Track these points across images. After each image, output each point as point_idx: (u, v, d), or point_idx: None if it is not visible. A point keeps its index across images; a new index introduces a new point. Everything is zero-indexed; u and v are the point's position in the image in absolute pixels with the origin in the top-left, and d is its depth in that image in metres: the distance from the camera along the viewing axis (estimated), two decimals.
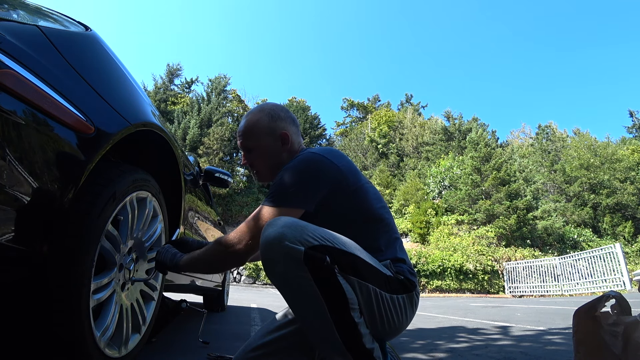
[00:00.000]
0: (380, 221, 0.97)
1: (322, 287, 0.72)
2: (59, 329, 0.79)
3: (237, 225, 5.16)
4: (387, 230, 0.98)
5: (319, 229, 0.78)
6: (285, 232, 0.72)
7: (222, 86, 26.60)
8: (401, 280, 0.89)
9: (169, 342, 1.75)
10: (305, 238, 0.73)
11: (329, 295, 0.72)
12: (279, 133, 1.05)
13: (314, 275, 0.72)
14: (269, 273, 0.76)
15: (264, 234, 0.74)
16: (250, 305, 4.75)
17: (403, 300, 0.89)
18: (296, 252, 0.71)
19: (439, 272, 12.40)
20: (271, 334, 0.98)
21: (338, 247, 0.78)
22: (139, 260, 1.16)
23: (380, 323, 0.84)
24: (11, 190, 0.61)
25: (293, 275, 0.72)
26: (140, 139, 1.15)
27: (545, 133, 25.97)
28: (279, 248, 0.72)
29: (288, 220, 0.76)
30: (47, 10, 0.90)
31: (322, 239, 0.76)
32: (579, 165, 18.56)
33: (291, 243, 0.71)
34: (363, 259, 0.82)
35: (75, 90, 0.77)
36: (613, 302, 1.01)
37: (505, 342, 2.09)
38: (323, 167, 0.92)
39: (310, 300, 0.73)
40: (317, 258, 0.72)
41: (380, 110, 33.79)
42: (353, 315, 0.74)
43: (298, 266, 0.71)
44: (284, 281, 0.75)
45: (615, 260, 9.25)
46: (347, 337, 0.73)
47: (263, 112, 1.07)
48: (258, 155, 1.06)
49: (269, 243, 0.73)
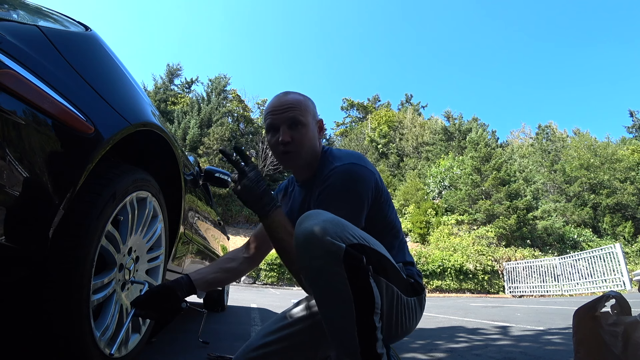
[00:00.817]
0: (394, 227, 1.00)
1: (355, 288, 0.71)
2: (59, 329, 0.79)
3: (237, 225, 5.13)
4: (398, 236, 1.01)
5: (355, 228, 0.78)
6: (327, 227, 0.71)
7: (222, 86, 26.62)
8: (412, 283, 0.91)
9: (169, 342, 1.75)
10: (345, 235, 0.73)
11: (359, 297, 0.72)
12: (318, 119, 1.03)
13: (349, 274, 0.71)
14: (304, 265, 0.74)
15: (304, 225, 0.73)
16: (250, 305, 4.75)
17: (414, 303, 0.91)
18: (337, 248, 0.70)
19: (439, 272, 12.39)
20: (272, 335, 0.98)
21: (373, 248, 0.78)
22: (139, 260, 1.15)
23: (394, 326, 0.85)
24: (11, 190, 0.61)
25: (329, 271, 0.71)
26: (140, 139, 1.15)
27: (545, 133, 25.98)
28: (320, 242, 0.70)
29: (329, 215, 0.75)
30: (47, 10, 0.90)
31: (361, 238, 0.76)
32: (579, 165, 18.56)
33: (333, 239, 0.71)
34: (391, 261, 0.83)
35: (75, 90, 0.77)
36: (613, 302, 1.01)
37: (505, 342, 2.09)
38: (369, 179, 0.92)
39: (339, 298, 0.72)
40: (355, 257, 0.72)
41: (380, 110, 33.79)
42: (375, 319, 0.74)
43: (336, 263, 0.70)
44: (319, 276, 0.73)
45: (615, 260, 9.25)
46: (364, 341, 0.73)
47: (305, 96, 1.01)
48: (304, 134, 0.96)
49: (311, 235, 0.71)
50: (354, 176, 0.90)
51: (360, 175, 0.90)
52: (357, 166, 0.92)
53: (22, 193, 0.63)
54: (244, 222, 20.77)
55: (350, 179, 0.89)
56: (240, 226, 20.33)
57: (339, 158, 0.96)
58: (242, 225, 20.45)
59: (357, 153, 1.00)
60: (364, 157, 0.98)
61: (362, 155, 1.00)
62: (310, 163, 1.01)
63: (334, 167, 0.92)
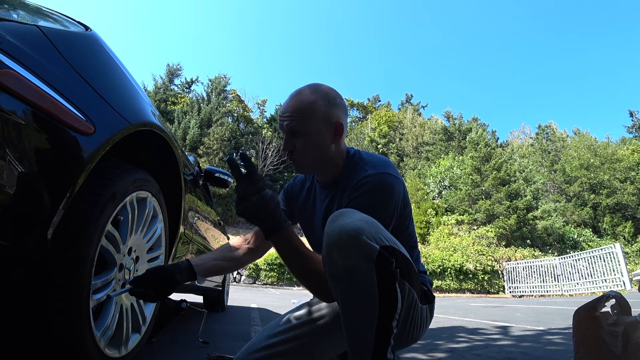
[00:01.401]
0: (412, 237, 1.00)
1: (381, 290, 0.70)
2: (59, 329, 0.79)
3: (237, 225, 5.16)
4: (414, 245, 1.01)
5: (386, 231, 0.77)
6: (363, 227, 0.70)
7: (222, 86, 26.63)
8: (425, 291, 0.92)
9: (169, 342, 1.75)
10: (380, 237, 0.72)
11: (384, 300, 0.71)
12: (334, 122, 0.91)
13: (379, 277, 0.70)
14: (334, 263, 0.72)
15: (339, 223, 0.71)
16: (250, 305, 4.75)
17: (426, 311, 0.92)
18: (372, 249, 0.69)
19: (439, 272, 12.39)
20: (276, 337, 0.97)
21: (402, 252, 0.78)
22: (139, 260, 1.15)
23: (407, 332, 0.85)
24: (11, 190, 0.61)
25: (360, 272, 0.70)
26: (141, 139, 1.15)
27: (545, 133, 25.99)
28: (355, 241, 0.69)
29: (363, 215, 0.74)
30: (47, 10, 0.90)
31: (392, 240, 0.75)
32: (579, 165, 18.57)
33: (368, 239, 0.69)
34: (415, 268, 0.83)
35: (75, 90, 0.77)
36: (613, 302, 1.02)
37: (505, 342, 2.09)
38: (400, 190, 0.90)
39: (365, 300, 0.71)
40: (387, 260, 0.71)
41: (380, 110, 33.80)
42: (393, 324, 0.73)
43: (368, 264, 0.69)
44: (349, 275, 0.71)
45: (615, 260, 9.25)
46: (379, 344, 0.73)
47: (319, 94, 0.91)
48: (306, 144, 0.91)
49: (345, 233, 0.69)
50: (388, 188, 0.87)
51: (393, 187, 0.88)
52: (391, 177, 0.89)
53: (22, 193, 0.63)
54: (244, 222, 20.76)
55: (384, 191, 0.87)
56: (240, 226, 20.33)
57: (371, 165, 0.92)
58: (242, 225, 20.45)
59: (387, 160, 0.97)
60: (393, 165, 0.96)
61: (391, 162, 0.97)
62: (326, 167, 0.97)
63: (367, 175, 0.89)
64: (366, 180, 0.88)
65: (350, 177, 0.92)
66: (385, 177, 0.88)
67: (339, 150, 0.96)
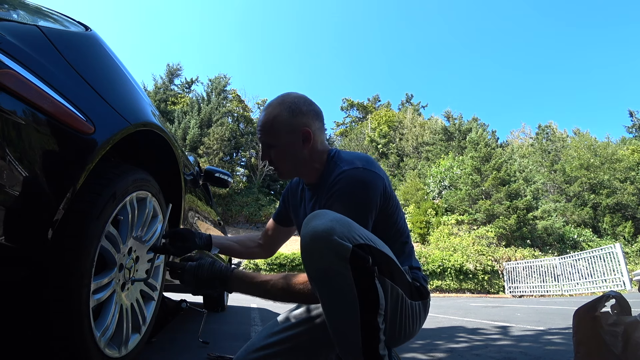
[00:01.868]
0: (403, 232, 1.00)
1: (360, 289, 0.71)
2: (59, 329, 0.79)
3: (237, 225, 5.16)
4: (407, 242, 1.01)
5: (362, 228, 0.77)
6: (335, 227, 0.71)
7: (222, 86, 26.62)
8: (417, 287, 0.91)
9: (169, 342, 1.75)
10: (352, 235, 0.72)
11: (364, 298, 0.71)
12: (300, 130, 0.96)
13: (355, 275, 0.70)
14: (309, 265, 0.73)
15: (311, 225, 0.72)
16: (250, 305, 4.75)
17: (419, 307, 0.90)
18: (344, 248, 0.70)
19: (439, 272, 12.40)
20: (275, 336, 0.98)
21: (379, 249, 0.78)
22: (139, 260, 1.15)
23: (398, 329, 0.85)
24: (11, 190, 0.61)
25: (335, 272, 0.71)
26: (141, 139, 1.15)
27: (545, 133, 25.99)
28: (327, 242, 0.70)
29: (335, 215, 0.75)
30: (47, 10, 0.90)
31: (367, 238, 0.75)
32: (579, 165, 18.57)
33: (340, 238, 0.70)
34: (396, 263, 0.83)
35: (75, 90, 0.77)
36: (613, 302, 1.02)
37: (505, 342, 2.09)
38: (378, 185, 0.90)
39: (345, 300, 0.72)
40: (361, 258, 0.71)
41: (380, 110, 33.80)
42: (378, 320, 0.73)
43: (342, 263, 0.70)
44: (324, 276, 0.72)
45: (615, 260, 9.25)
46: (367, 341, 0.73)
47: (283, 105, 0.96)
48: (277, 154, 0.98)
49: (317, 235, 0.70)
50: (362, 182, 0.88)
51: (368, 181, 0.89)
52: (366, 171, 0.90)
53: (21, 193, 0.63)
54: (244, 222, 20.78)
55: (357, 184, 0.88)
56: (240, 226, 20.33)
57: (347, 162, 0.94)
58: (242, 225, 20.45)
59: (366, 156, 0.98)
60: (373, 161, 0.96)
61: (371, 158, 0.98)
62: (306, 171, 1.01)
63: (342, 172, 0.90)
64: (341, 177, 0.89)
65: (329, 177, 0.94)
66: (359, 172, 0.89)
67: (314, 154, 0.99)
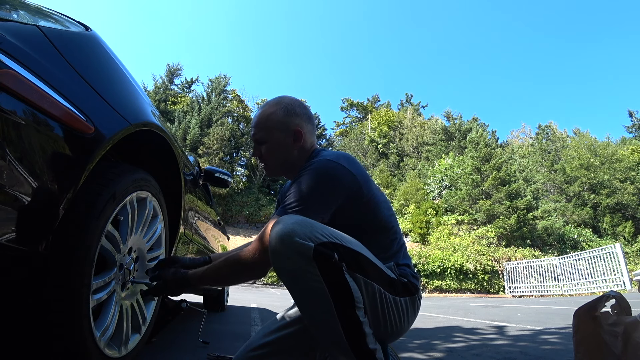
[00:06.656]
0: (390, 229, 0.99)
1: (329, 284, 0.72)
2: (58, 329, 0.79)
3: (237, 225, 5.16)
4: (395, 238, 1.00)
5: (327, 227, 0.78)
6: (295, 229, 0.72)
7: (222, 86, 26.61)
8: (404, 283, 0.91)
9: (169, 342, 1.75)
10: (314, 235, 0.73)
11: (336, 293, 0.73)
12: (293, 129, 1.01)
13: (322, 272, 0.72)
14: (278, 269, 0.75)
15: (274, 231, 0.74)
16: (250, 305, 4.75)
17: (406, 303, 0.90)
18: (306, 248, 0.71)
19: (439, 272, 12.40)
20: (272, 334, 0.98)
21: (346, 245, 0.78)
22: (139, 260, 1.15)
23: (383, 324, 0.85)
24: (11, 190, 0.61)
25: (302, 272, 0.72)
26: (141, 139, 1.15)
27: (545, 133, 25.97)
28: (289, 244, 0.72)
29: (297, 217, 0.76)
30: (47, 10, 0.90)
31: (331, 236, 0.76)
32: (579, 165, 18.56)
33: (301, 239, 0.71)
34: (369, 259, 0.83)
35: (75, 90, 0.77)
36: (613, 302, 1.02)
37: (505, 342, 2.09)
38: (340, 175, 0.90)
39: (317, 297, 0.73)
40: (326, 254, 0.72)
41: (380, 110, 33.79)
42: (358, 314, 0.74)
43: (307, 262, 0.72)
44: (293, 277, 0.74)
45: (615, 260, 9.25)
46: (351, 336, 0.74)
47: (279, 105, 1.03)
48: (268, 149, 1.03)
49: (279, 239, 0.72)
50: (325, 172, 0.90)
51: (330, 172, 0.90)
52: (331, 162, 0.91)
53: (22, 193, 0.63)
54: (244, 222, 20.78)
55: (319, 174, 0.89)
56: (240, 226, 20.33)
57: (319, 156, 0.97)
58: (242, 225, 20.45)
59: (346, 155, 0.99)
60: (349, 158, 0.97)
61: (351, 157, 0.98)
62: (292, 169, 1.04)
63: (310, 163, 0.93)
64: (309, 165, 0.92)
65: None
66: (324, 163, 0.91)
67: (302, 154, 1.03)
